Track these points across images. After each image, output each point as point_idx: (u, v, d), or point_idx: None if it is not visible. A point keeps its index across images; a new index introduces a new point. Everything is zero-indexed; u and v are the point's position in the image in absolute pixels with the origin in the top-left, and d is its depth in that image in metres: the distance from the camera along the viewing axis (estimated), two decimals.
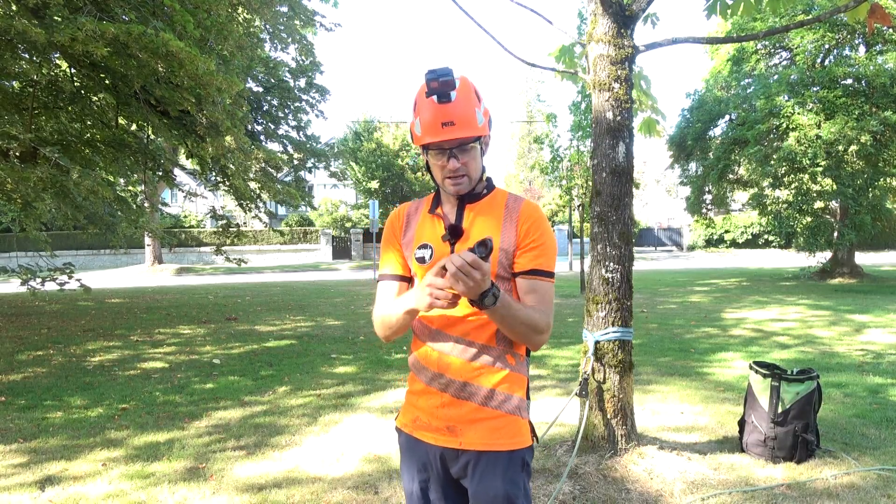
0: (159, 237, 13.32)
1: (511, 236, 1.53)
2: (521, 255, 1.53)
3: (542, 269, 1.53)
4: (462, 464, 1.55)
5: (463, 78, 1.51)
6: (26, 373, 6.14)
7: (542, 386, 5.36)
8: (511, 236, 1.53)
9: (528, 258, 1.52)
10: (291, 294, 14.58)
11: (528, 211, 1.56)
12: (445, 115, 1.46)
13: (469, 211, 1.58)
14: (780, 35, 14.38)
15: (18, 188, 7.73)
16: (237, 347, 7.47)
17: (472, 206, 1.59)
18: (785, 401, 3.54)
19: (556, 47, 4.59)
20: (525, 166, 47.03)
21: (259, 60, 15.33)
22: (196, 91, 7.38)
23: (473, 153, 1.53)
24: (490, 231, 1.53)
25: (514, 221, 1.54)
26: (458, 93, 1.47)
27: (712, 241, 33.67)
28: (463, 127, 1.47)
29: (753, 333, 7.85)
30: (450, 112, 1.46)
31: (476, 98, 1.52)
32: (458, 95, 1.47)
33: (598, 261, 3.55)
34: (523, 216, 1.55)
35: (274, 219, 22.22)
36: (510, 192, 1.63)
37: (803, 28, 12.88)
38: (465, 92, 1.49)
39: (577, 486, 3.14)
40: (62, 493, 3.23)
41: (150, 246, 25.18)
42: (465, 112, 1.47)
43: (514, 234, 1.53)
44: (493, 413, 1.53)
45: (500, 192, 1.63)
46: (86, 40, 5.80)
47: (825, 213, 14.75)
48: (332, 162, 21.85)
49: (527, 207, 1.56)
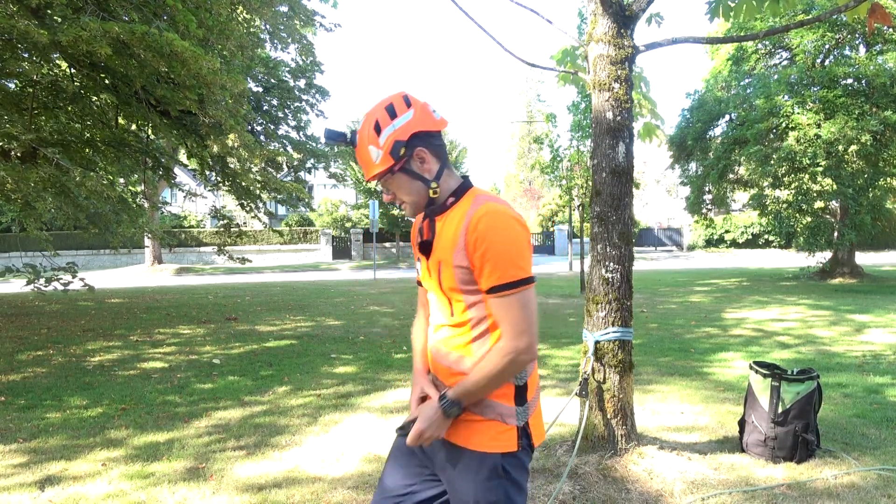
0: (159, 237, 13.33)
1: (462, 252, 1.49)
2: (479, 273, 1.49)
3: (499, 283, 1.46)
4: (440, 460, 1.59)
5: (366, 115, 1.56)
6: (26, 373, 6.14)
7: (542, 386, 5.36)
8: (462, 252, 1.49)
9: (485, 276, 1.47)
10: (291, 294, 14.58)
11: (473, 222, 1.47)
12: (357, 157, 1.60)
13: (439, 222, 1.59)
14: (779, 35, 14.38)
15: (19, 188, 7.74)
16: (237, 347, 7.48)
17: (440, 217, 1.59)
18: (785, 401, 3.54)
19: (558, 49, 4.59)
20: (525, 166, 47.04)
21: (259, 60, 15.32)
22: (199, 90, 7.38)
23: (396, 182, 1.56)
24: (449, 246, 1.52)
25: (464, 235, 1.49)
26: (359, 136, 1.56)
27: (712, 241, 33.66)
28: (366, 168, 1.57)
29: (754, 333, 7.85)
30: (357, 155, 1.59)
31: (372, 134, 1.52)
32: (358, 139, 1.56)
33: (598, 261, 3.55)
34: (469, 229, 1.48)
35: (274, 219, 22.22)
36: (478, 195, 1.55)
37: (803, 28, 12.88)
38: (362, 134, 1.55)
39: (577, 486, 3.13)
40: (62, 493, 3.23)
41: (149, 246, 25.17)
42: (362, 155, 1.56)
43: (464, 249, 1.49)
44: (473, 417, 1.54)
45: (470, 196, 1.56)
46: (89, 40, 5.80)
47: (825, 213, 14.75)
48: (332, 162, 21.82)
49: (474, 217, 1.48)
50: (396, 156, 1.51)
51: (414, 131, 1.52)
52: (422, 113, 1.53)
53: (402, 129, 1.51)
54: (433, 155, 1.56)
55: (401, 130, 1.51)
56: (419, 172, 1.55)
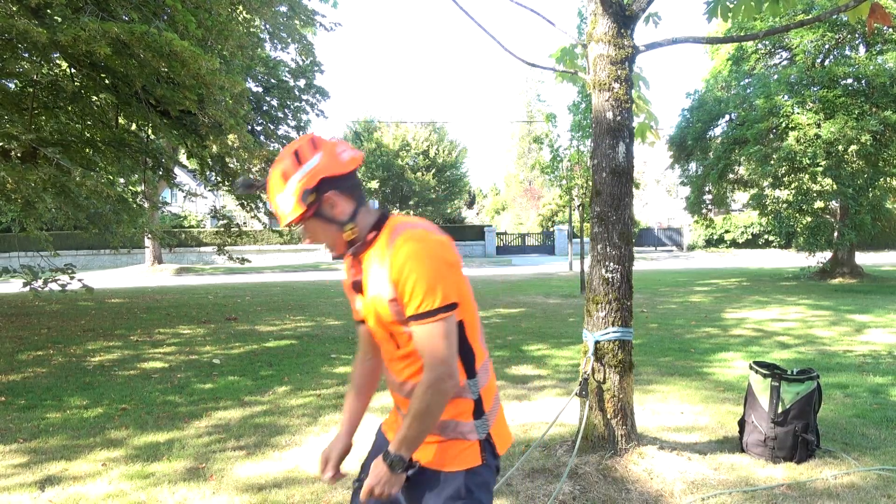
0: (159, 237, 13.32)
1: (389, 285, 1.49)
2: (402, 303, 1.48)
3: (418, 312, 1.45)
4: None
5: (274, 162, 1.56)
6: (26, 373, 6.14)
7: (542, 386, 5.36)
8: (389, 285, 1.49)
9: (407, 305, 1.47)
10: (291, 294, 14.58)
11: (394, 254, 1.47)
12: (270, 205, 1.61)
13: (365, 260, 1.59)
14: (779, 35, 14.38)
15: (19, 188, 7.73)
16: (237, 347, 7.48)
17: (364, 254, 1.59)
18: (785, 401, 3.54)
19: (557, 48, 4.58)
20: (525, 166, 47.02)
21: (259, 60, 15.31)
22: (198, 90, 7.38)
23: (311, 228, 1.56)
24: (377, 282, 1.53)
25: (388, 268, 1.49)
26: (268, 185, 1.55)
27: (712, 241, 33.66)
28: (279, 217, 1.56)
29: (754, 333, 7.85)
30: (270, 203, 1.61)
31: (281, 183, 1.51)
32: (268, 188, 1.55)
33: (598, 261, 3.55)
34: (392, 262, 1.47)
35: (274, 219, 22.19)
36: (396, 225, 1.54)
37: (803, 28, 12.88)
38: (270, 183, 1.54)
39: (577, 486, 3.14)
40: (62, 493, 3.23)
41: (149, 246, 25.16)
42: (273, 204, 1.56)
43: (390, 281, 1.49)
44: (434, 438, 1.55)
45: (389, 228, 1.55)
46: (88, 40, 5.80)
47: (825, 213, 14.74)
48: None
49: (395, 249, 1.48)
50: (306, 203, 1.50)
51: (322, 177, 1.49)
52: (329, 157, 1.50)
53: (309, 176, 1.48)
54: (345, 197, 1.54)
55: (308, 177, 1.48)
56: (332, 217, 1.54)
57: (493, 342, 7.51)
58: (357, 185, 1.58)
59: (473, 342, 1.58)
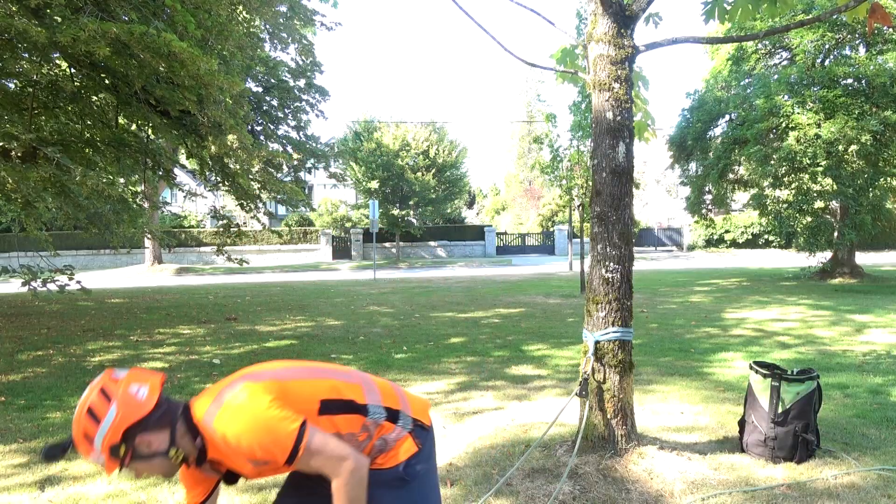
0: (159, 237, 13.32)
1: (252, 460, 1.55)
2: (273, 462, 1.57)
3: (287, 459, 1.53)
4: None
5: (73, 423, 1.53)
6: (26, 373, 6.14)
7: (542, 386, 5.36)
8: (252, 460, 1.55)
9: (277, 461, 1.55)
10: (291, 294, 14.58)
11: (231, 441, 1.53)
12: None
13: (215, 457, 1.60)
14: (779, 35, 14.38)
15: (19, 188, 7.74)
16: (237, 347, 7.47)
17: (211, 454, 1.60)
18: (785, 401, 3.53)
19: (558, 49, 4.58)
20: (525, 166, 46.97)
21: (259, 60, 15.31)
22: (198, 91, 7.38)
23: (137, 468, 1.55)
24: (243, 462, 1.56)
25: (237, 452, 1.54)
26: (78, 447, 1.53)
27: (712, 241, 33.65)
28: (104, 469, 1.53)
29: (754, 333, 7.84)
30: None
31: (87, 445, 1.49)
32: (80, 450, 1.52)
33: (598, 261, 3.55)
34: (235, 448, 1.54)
35: (273, 219, 22.20)
36: (203, 420, 1.57)
37: (803, 28, 12.88)
38: (79, 446, 1.51)
39: (577, 486, 3.13)
40: (62, 493, 3.23)
41: (149, 246, 25.16)
42: (90, 461, 1.54)
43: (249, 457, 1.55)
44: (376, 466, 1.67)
45: (204, 428, 1.58)
46: (88, 40, 5.80)
47: (825, 213, 14.73)
48: (332, 162, 21.80)
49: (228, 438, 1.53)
50: (118, 457, 1.48)
51: (124, 429, 1.48)
52: (124, 405, 1.49)
53: (110, 433, 1.46)
54: (156, 432, 1.53)
55: (110, 434, 1.46)
56: (152, 453, 1.54)
57: (493, 342, 7.51)
58: (167, 413, 1.57)
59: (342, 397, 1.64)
